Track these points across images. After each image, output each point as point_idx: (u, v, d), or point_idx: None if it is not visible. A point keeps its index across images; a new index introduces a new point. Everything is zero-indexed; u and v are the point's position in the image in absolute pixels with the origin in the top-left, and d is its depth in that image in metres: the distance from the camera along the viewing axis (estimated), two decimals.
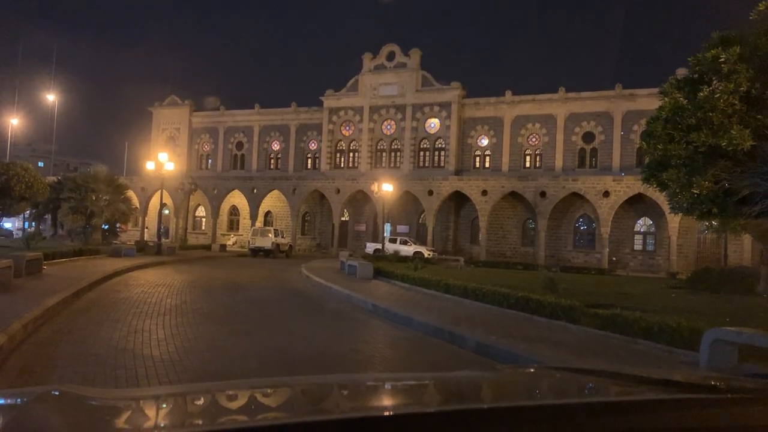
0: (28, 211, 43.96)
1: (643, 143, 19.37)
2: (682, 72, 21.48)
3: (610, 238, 41.19)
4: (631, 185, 39.38)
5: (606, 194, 40.85)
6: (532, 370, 3.01)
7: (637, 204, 41.40)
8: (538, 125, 48.94)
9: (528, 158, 49.76)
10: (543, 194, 42.58)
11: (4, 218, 38.99)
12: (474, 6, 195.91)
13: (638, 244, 43.89)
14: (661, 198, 28.93)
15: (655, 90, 21.84)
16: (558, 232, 44.72)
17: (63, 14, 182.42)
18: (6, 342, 7.49)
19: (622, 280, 29.25)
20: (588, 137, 47.69)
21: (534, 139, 49.40)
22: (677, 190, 16.77)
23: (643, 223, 43.69)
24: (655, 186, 19.64)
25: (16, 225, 58.45)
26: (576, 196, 42.64)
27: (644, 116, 33.99)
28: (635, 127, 44.37)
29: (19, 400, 1.84)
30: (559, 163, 47.83)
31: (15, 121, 53.55)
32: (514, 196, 44.71)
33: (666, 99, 16.81)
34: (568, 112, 47.96)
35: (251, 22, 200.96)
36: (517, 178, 44.78)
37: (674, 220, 37.34)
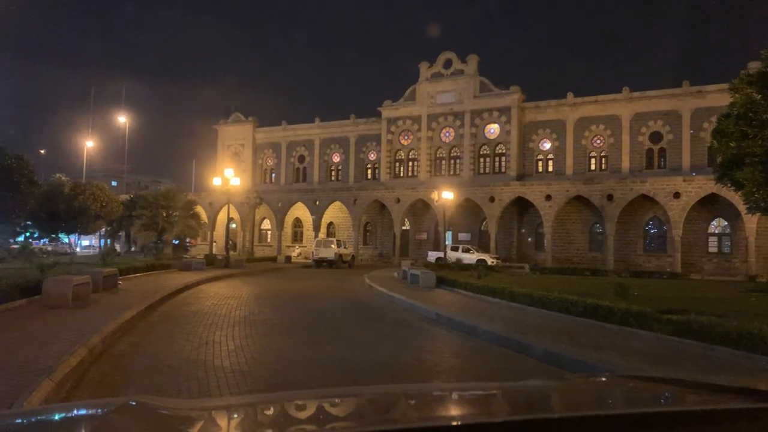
0: (103, 229, 45.94)
1: (715, 141, 18.63)
2: (754, 66, 20.50)
3: (682, 241, 39.63)
4: (703, 185, 37.85)
5: (677, 195, 39.36)
6: (603, 379, 2.92)
7: (710, 204, 39.70)
8: (602, 126, 47.77)
9: (593, 161, 48.61)
10: (610, 197, 41.41)
11: (82, 236, 40.93)
12: (531, 9, 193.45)
13: (713, 246, 42.03)
14: (736, 197, 27.72)
15: (725, 86, 20.95)
16: (627, 236, 43.34)
17: (132, 46, 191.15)
18: (86, 355, 7.85)
19: (697, 284, 28.07)
20: (655, 137, 46.18)
21: (598, 141, 48.22)
22: (753, 189, 16.03)
23: (717, 225, 41.84)
24: (729, 185, 18.86)
25: (93, 242, 61.22)
26: (645, 199, 41.27)
27: (714, 113, 32.72)
28: (705, 125, 42.69)
29: (99, 410, 1.92)
30: (625, 164, 46.50)
31: (90, 143, 56.33)
32: (579, 200, 43.67)
33: (737, 95, 16.13)
34: (633, 112, 46.63)
35: (310, 38, 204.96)
36: (582, 182, 43.74)
37: (751, 221, 35.63)
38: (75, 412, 2.04)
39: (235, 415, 1.83)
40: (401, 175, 54.94)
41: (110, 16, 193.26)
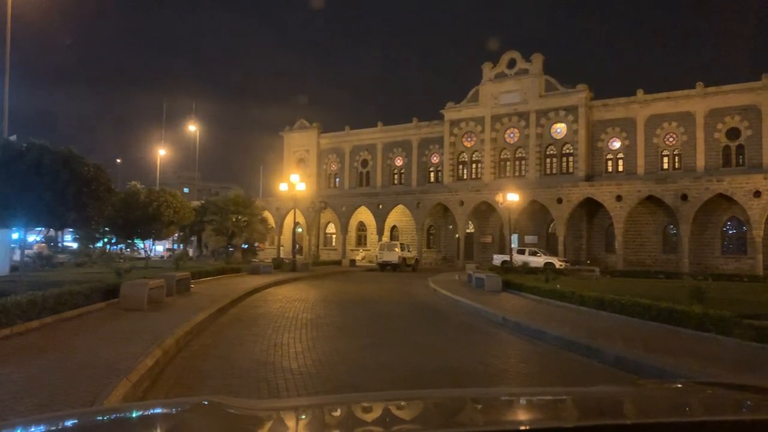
0: (176, 234, 47.57)
1: None
2: None
3: (764, 242, 37.60)
4: None
5: (757, 194, 37.40)
6: (679, 385, 2.81)
7: None
8: (674, 124, 46.01)
9: (665, 159, 46.87)
10: (684, 197, 39.77)
11: (156, 241, 42.55)
12: (596, 4, 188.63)
13: None
14: None
15: None
16: (703, 238, 41.50)
17: (202, 61, 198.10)
18: (161, 356, 8.17)
19: None
20: (732, 133, 44.09)
21: (671, 139, 46.46)
22: None
23: None
24: None
25: (166, 247, 63.53)
26: (722, 198, 39.42)
27: None
28: None
29: (173, 409, 2.00)
30: (700, 162, 44.60)
31: (163, 152, 58.66)
32: (651, 200, 42.14)
33: None
34: (707, 108, 44.69)
35: (371, 43, 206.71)
36: (654, 181, 42.22)
37: None
38: (151, 410, 2.12)
39: (303, 416, 1.86)
40: (464, 177, 54.52)
41: (187, 42, 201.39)
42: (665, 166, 46.71)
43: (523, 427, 1.61)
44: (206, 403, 1.91)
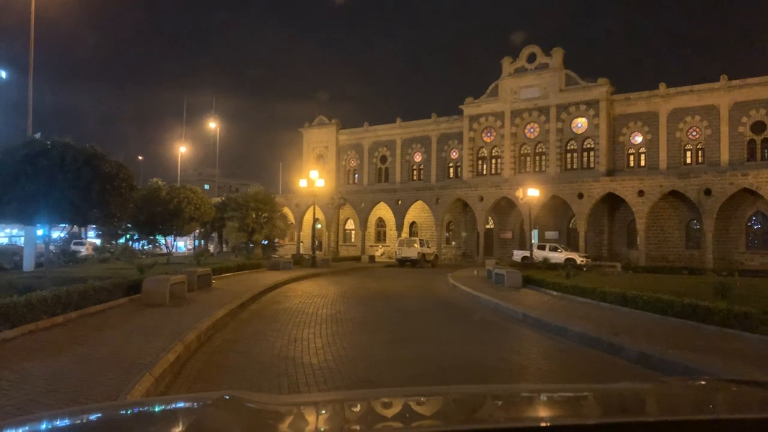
0: (197, 230, 47.94)
1: None
2: None
3: None
4: None
5: None
6: (704, 382, 2.77)
7: None
8: (698, 118, 45.33)
9: (688, 154, 46.22)
10: (708, 192, 39.19)
11: (177, 237, 42.98)
12: None
13: None
14: None
15: None
16: (727, 233, 40.88)
17: (223, 58, 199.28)
18: (183, 351, 8.25)
19: None
20: (758, 127, 43.33)
21: (694, 133, 45.78)
22: None
23: None
24: None
25: (187, 243, 64.08)
26: (747, 193, 38.80)
27: None
28: None
29: (195, 404, 2.01)
30: (724, 157, 43.90)
31: (183, 149, 59.21)
32: (674, 195, 41.62)
33: None
34: (732, 102, 43.96)
35: (391, 38, 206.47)
36: (677, 176, 41.65)
37: None
38: (173, 404, 2.14)
39: (324, 411, 1.87)
40: (484, 173, 54.26)
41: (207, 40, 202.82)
42: (688, 160, 46.08)
43: (544, 424, 1.59)
44: (227, 397, 1.92)
